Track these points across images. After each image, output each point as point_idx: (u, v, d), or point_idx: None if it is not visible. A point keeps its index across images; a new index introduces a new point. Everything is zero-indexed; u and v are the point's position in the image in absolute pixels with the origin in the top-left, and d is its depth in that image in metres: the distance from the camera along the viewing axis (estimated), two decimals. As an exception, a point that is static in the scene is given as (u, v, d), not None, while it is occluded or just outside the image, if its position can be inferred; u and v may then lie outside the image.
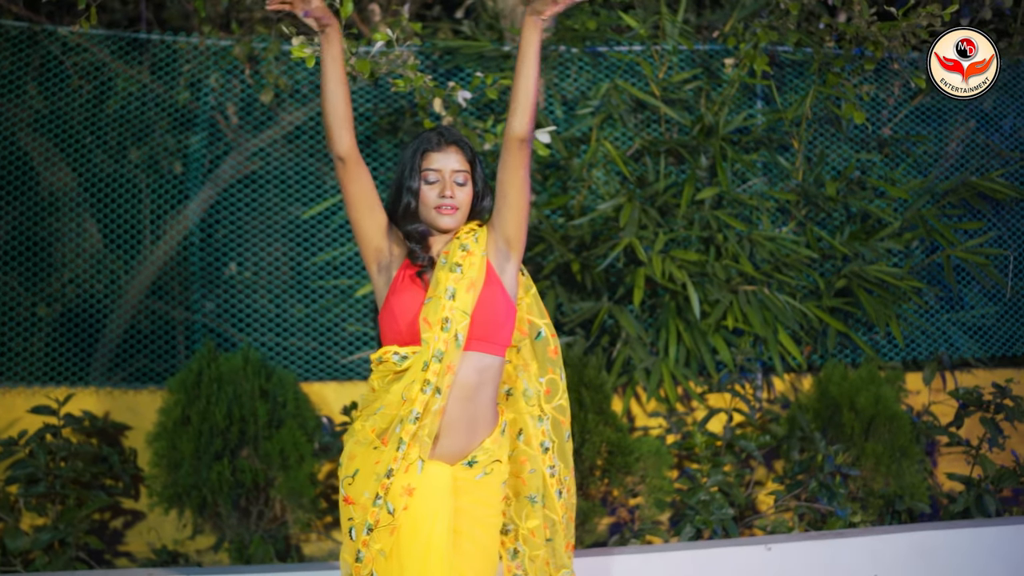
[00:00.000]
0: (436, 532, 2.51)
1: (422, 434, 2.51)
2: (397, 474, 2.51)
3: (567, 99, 4.94)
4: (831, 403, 4.63)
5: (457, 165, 2.59)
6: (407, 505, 2.51)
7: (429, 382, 2.49)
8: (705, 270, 4.54)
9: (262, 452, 4.06)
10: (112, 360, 4.78)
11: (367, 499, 2.52)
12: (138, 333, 4.81)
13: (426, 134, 2.64)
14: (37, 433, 4.19)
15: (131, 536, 4.54)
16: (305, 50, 3.34)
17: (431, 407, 2.50)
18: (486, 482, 2.60)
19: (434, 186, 2.59)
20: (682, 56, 4.89)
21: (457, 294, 2.52)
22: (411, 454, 2.51)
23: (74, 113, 4.68)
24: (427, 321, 2.52)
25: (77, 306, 4.71)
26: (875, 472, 4.49)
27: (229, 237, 4.78)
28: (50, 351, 4.66)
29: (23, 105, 4.64)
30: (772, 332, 4.57)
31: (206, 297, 4.79)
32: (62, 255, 4.77)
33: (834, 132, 5.08)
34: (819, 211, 4.92)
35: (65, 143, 4.69)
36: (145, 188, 4.80)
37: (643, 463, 4.34)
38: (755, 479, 4.70)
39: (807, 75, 4.94)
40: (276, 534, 4.20)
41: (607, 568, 3.80)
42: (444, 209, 2.57)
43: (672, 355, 4.54)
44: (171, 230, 4.82)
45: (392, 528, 2.51)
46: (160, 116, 4.79)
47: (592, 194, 4.76)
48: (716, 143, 4.60)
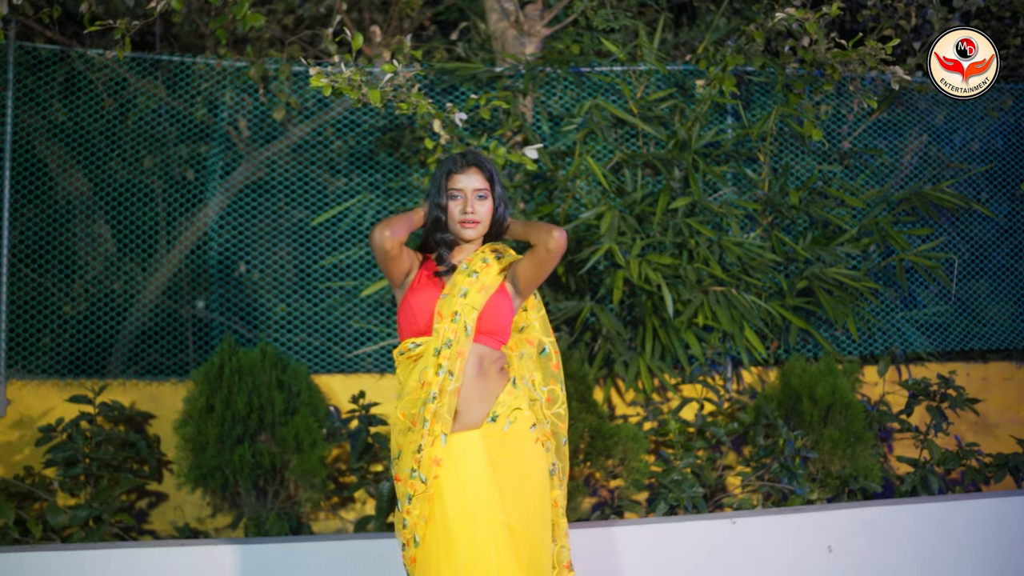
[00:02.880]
0: (476, 494, 2.82)
1: (441, 411, 2.85)
2: (425, 448, 2.86)
3: (553, 115, 5.27)
4: (793, 393, 4.96)
5: (477, 184, 2.97)
6: (436, 475, 2.86)
7: (442, 366, 2.85)
8: (678, 272, 4.83)
9: (278, 437, 4.47)
10: (134, 354, 5.13)
11: (407, 474, 2.88)
12: (161, 330, 5.14)
13: (452, 157, 3.02)
14: (73, 421, 4.58)
15: (155, 516, 4.91)
16: (322, 80, 3.74)
17: (446, 387, 2.85)
18: (514, 431, 2.90)
19: (458, 202, 2.96)
20: (658, 77, 5.22)
21: (470, 294, 2.90)
22: (435, 429, 2.85)
23: (98, 128, 5.03)
24: (440, 314, 2.89)
25: (100, 305, 5.04)
26: (832, 455, 4.83)
27: (245, 241, 5.13)
28: (79, 346, 5.01)
29: (51, 120, 4.99)
30: (739, 329, 4.84)
31: (223, 297, 5.16)
32: (89, 258, 5.12)
33: (798, 145, 5.39)
34: (783, 218, 5.23)
35: (90, 155, 5.05)
36: (164, 196, 5.15)
37: (622, 447, 4.71)
38: (724, 463, 5.08)
39: (772, 94, 5.25)
40: (289, 511, 4.61)
41: (590, 541, 4.17)
42: (467, 224, 2.96)
43: (648, 350, 4.85)
44: (187, 234, 5.18)
45: (428, 496, 2.85)
46: (179, 130, 5.15)
47: (576, 203, 5.07)
48: (689, 156, 4.89)
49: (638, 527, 4.28)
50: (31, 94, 4.95)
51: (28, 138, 4.99)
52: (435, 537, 2.85)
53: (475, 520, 2.82)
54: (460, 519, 2.83)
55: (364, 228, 5.17)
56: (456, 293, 2.92)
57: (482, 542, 2.81)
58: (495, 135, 5.01)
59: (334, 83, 3.71)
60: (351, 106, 5.15)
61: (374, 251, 2.90)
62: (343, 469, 4.85)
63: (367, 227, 5.15)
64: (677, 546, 4.26)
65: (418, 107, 3.90)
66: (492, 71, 5.13)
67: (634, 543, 4.21)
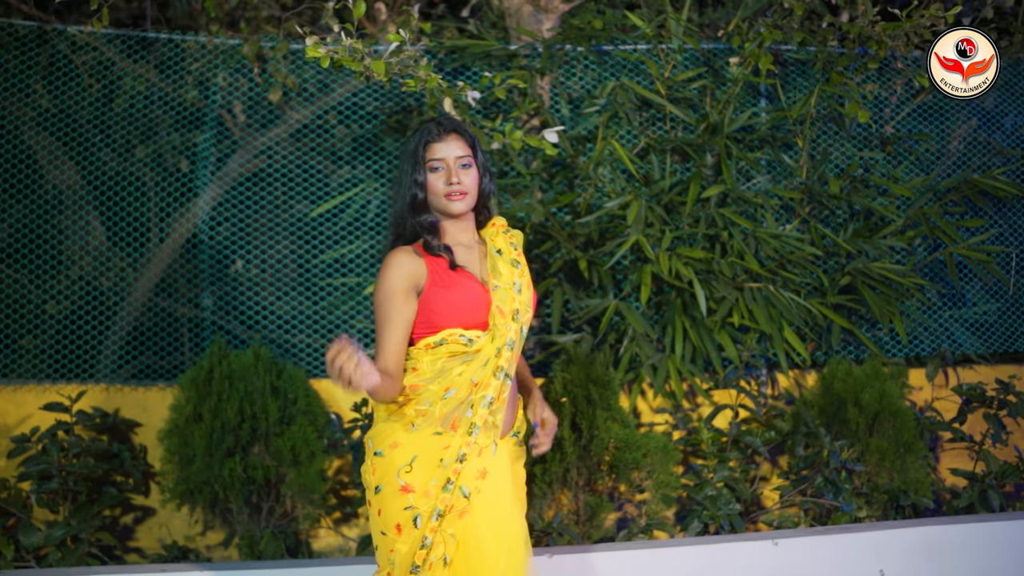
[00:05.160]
0: (508, 505, 2.60)
1: (496, 419, 2.59)
2: (470, 458, 2.55)
3: (573, 98, 4.93)
4: (836, 399, 4.64)
5: (459, 151, 2.65)
6: (479, 488, 2.57)
7: (502, 368, 2.58)
8: (711, 267, 4.52)
9: (273, 449, 4.08)
10: (121, 357, 4.78)
11: (435, 486, 2.54)
12: (147, 330, 4.80)
13: (426, 126, 2.70)
14: (49, 430, 4.20)
15: (141, 532, 4.54)
16: (320, 50, 3.35)
17: (503, 393, 2.59)
18: (522, 447, 2.77)
19: (440, 174, 2.64)
20: (687, 55, 4.88)
21: (523, 289, 2.65)
22: (484, 438, 2.57)
23: (81, 111, 4.68)
24: (501, 310, 2.59)
25: (87, 303, 4.72)
26: (879, 467, 4.49)
27: (237, 235, 4.77)
28: (59, 348, 4.66)
29: (31, 103, 4.64)
30: (777, 329, 4.55)
31: (215, 294, 4.79)
32: (70, 252, 4.77)
33: (837, 130, 5.06)
34: (823, 209, 4.92)
35: (73, 141, 4.69)
36: (153, 186, 4.80)
37: (650, 459, 4.35)
38: (760, 475, 4.71)
39: (811, 74, 4.93)
40: (286, 529, 4.22)
41: (615, 563, 3.82)
42: (454, 196, 2.63)
43: (678, 352, 4.53)
44: (178, 227, 4.81)
45: (464, 511, 2.56)
46: (168, 114, 4.79)
47: (599, 192, 4.75)
48: (721, 141, 4.59)
49: (670, 549, 3.91)
50: (11, 77, 4.59)
51: (5, 124, 4.64)
52: (466, 558, 2.57)
53: (506, 534, 2.58)
54: (494, 535, 2.57)
55: (367, 220, 4.78)
56: (510, 287, 2.63)
57: (516, 562, 2.59)
58: (511, 117, 4.63)
59: (333, 55, 3.32)
60: (353, 88, 4.78)
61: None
62: (345, 482, 4.45)
63: (370, 219, 4.77)
64: (713, 570, 3.89)
65: (427, 81, 3.51)
66: (506, 49, 4.77)
67: (665, 566, 3.84)
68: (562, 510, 4.35)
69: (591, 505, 4.30)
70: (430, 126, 2.69)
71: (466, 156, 2.65)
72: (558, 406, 4.33)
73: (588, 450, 4.24)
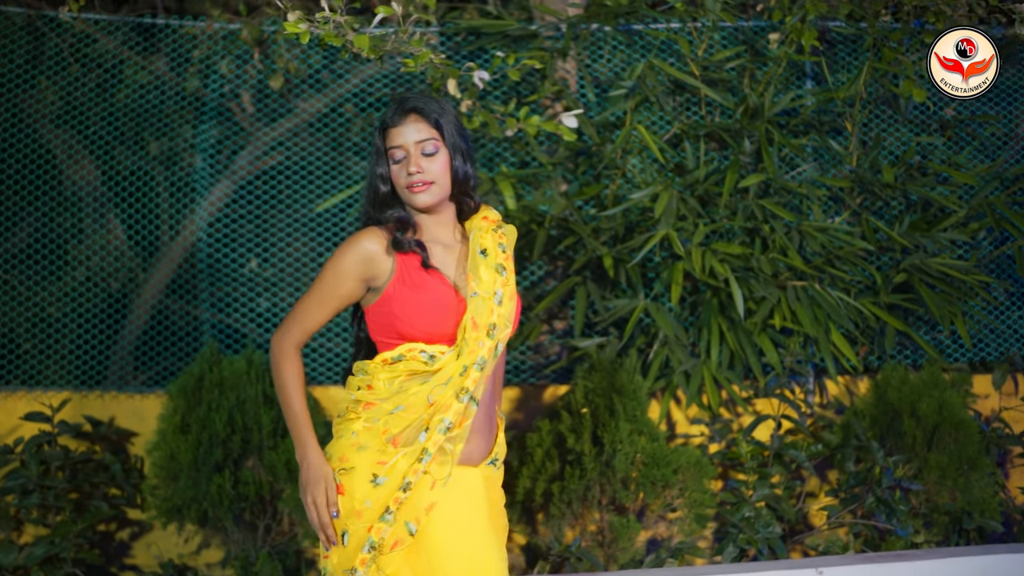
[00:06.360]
0: (479, 539, 2.29)
1: (453, 447, 2.28)
2: (416, 488, 2.25)
3: (599, 81, 4.64)
4: (890, 409, 4.31)
5: (419, 135, 2.32)
6: (430, 524, 2.27)
7: (467, 390, 2.27)
8: (750, 264, 4.21)
9: (267, 463, 3.79)
10: (119, 363, 4.59)
11: (369, 510, 2.25)
12: (143, 335, 4.61)
13: (386, 109, 2.39)
14: (33, 440, 3.97)
15: (138, 549, 4.31)
16: (300, 25, 3.05)
17: (466, 418, 2.28)
18: (500, 471, 2.46)
19: (402, 164, 2.33)
20: (723, 33, 4.58)
21: (504, 301, 2.33)
22: (438, 469, 2.26)
23: (80, 105, 4.49)
24: (475, 323, 2.28)
25: (95, 306, 4.54)
26: (940, 486, 4.15)
27: (238, 233, 4.53)
28: (49, 353, 4.48)
29: (23, 94, 4.45)
30: (824, 331, 4.24)
31: (213, 296, 4.57)
32: (75, 252, 4.60)
33: (891, 113, 4.74)
34: (875, 199, 4.59)
35: (81, 135, 4.52)
36: (163, 182, 4.61)
37: (682, 475, 4.02)
38: (806, 491, 4.35)
39: (861, 51, 4.62)
40: (285, 549, 3.93)
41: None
42: (415, 187, 2.32)
43: (714, 357, 4.22)
44: (188, 225, 4.61)
45: (410, 549, 2.26)
46: (166, 105, 4.56)
47: (627, 183, 4.44)
48: (761, 126, 4.28)
49: (701, 577, 3.55)
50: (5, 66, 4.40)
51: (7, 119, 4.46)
52: None
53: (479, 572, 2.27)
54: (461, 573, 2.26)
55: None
56: (490, 297, 2.30)
57: None
58: (527, 101, 4.32)
59: (314, 30, 3.02)
60: (366, 76, 4.50)
61: None
62: (350, 498, 4.16)
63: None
64: (750, 601, 3.53)
65: (418, 58, 3.18)
66: (526, 29, 4.47)
67: (696, 597, 3.50)
68: (587, 528, 4.03)
69: (615, 526, 3.96)
70: (389, 108, 2.39)
71: (429, 140, 2.32)
72: (579, 417, 4.00)
73: (611, 466, 3.90)
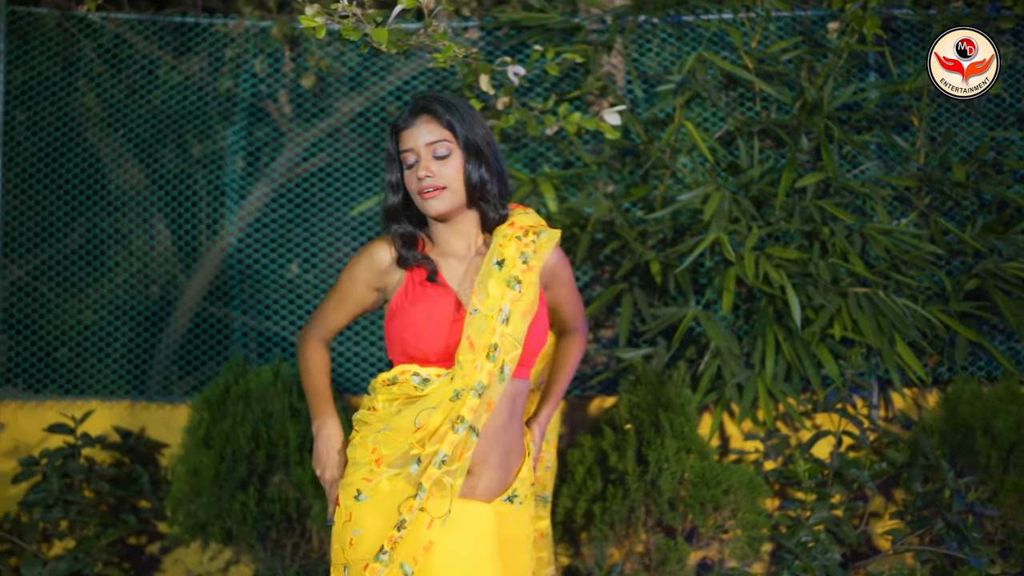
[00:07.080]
0: None
1: (453, 481, 2.08)
2: (412, 526, 2.07)
3: (647, 75, 4.42)
4: (961, 425, 4.02)
5: (431, 136, 2.16)
6: (420, 561, 2.09)
7: (463, 419, 2.08)
8: (807, 270, 3.97)
9: (294, 479, 3.63)
10: (160, 371, 4.53)
11: (360, 540, 2.11)
12: (185, 342, 4.55)
13: (401, 112, 2.26)
14: (58, 452, 3.88)
15: (168, 563, 4.20)
16: (317, 19, 2.89)
17: (465, 450, 2.08)
18: (525, 507, 2.27)
19: (415, 169, 2.17)
20: (779, 23, 4.35)
21: (512, 318, 2.12)
22: (436, 505, 2.08)
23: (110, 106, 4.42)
24: (471, 343, 2.09)
25: (139, 313, 4.52)
26: (1017, 511, 3.83)
27: (270, 238, 4.41)
28: (87, 356, 4.45)
29: (51, 100, 4.39)
30: (888, 342, 3.96)
31: (245, 304, 4.46)
32: (112, 253, 4.55)
33: (963, 106, 4.47)
34: (945, 199, 4.33)
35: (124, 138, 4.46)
36: (206, 185, 4.52)
37: (733, 495, 3.77)
38: (868, 512, 4.07)
39: (929, 39, 4.31)
40: (313, 569, 3.77)
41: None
42: (426, 192, 2.15)
43: (769, 368, 3.97)
44: (219, 232, 4.51)
45: None
46: (200, 106, 4.46)
47: (677, 183, 4.22)
48: (820, 122, 4.05)
49: (753, 608, 3.30)
50: (24, 65, 4.32)
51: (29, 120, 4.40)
52: None
53: None
54: None
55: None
56: (494, 314, 2.10)
57: None
58: (568, 97, 4.11)
59: (331, 25, 2.86)
60: (403, 74, 4.34)
61: None
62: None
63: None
64: (806, 635, 3.26)
65: (444, 51, 3.00)
66: (569, 22, 4.27)
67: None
68: (633, 550, 3.81)
69: (663, 547, 3.72)
70: (402, 110, 2.27)
71: (440, 141, 2.16)
72: (622, 433, 3.77)
73: (656, 486, 3.67)
